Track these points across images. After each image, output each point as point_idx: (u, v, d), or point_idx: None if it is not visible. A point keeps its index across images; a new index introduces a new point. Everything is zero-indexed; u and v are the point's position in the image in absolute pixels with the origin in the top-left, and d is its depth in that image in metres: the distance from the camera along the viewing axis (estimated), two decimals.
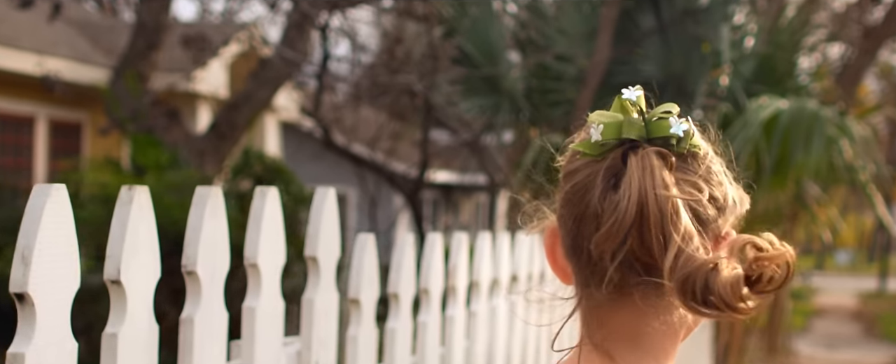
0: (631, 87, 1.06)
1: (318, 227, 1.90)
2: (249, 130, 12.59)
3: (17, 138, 12.27)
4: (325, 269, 1.91)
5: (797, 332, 14.03)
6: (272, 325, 1.74)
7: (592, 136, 1.04)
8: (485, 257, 2.79)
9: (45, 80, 7.57)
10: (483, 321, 2.77)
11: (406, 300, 2.27)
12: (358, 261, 2.07)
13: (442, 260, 2.46)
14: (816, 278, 28.24)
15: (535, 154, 6.59)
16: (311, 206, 1.92)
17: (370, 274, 2.09)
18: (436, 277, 2.43)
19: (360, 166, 7.91)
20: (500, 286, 2.92)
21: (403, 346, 2.26)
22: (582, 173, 1.05)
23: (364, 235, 2.09)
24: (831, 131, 6.04)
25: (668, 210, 0.99)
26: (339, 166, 11.59)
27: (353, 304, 2.06)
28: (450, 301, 2.58)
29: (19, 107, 11.90)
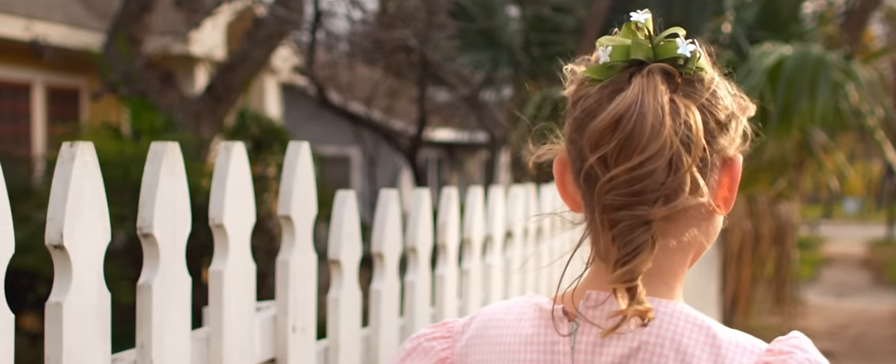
0: (638, 11, 1.07)
1: (291, 185, 1.79)
2: (248, 92, 12.45)
3: (13, 105, 12.15)
4: (300, 229, 1.80)
5: (805, 281, 13.96)
6: (242, 289, 1.63)
7: (601, 59, 1.05)
8: (477, 213, 2.68)
9: (35, 44, 7.43)
10: (476, 280, 2.67)
11: (391, 260, 2.16)
12: (337, 219, 1.96)
13: (430, 216, 2.35)
14: (824, 227, 28.18)
15: (535, 108, 6.46)
16: (284, 162, 1.80)
17: (350, 232, 1.98)
18: (424, 235, 2.32)
19: (357, 125, 7.78)
20: (494, 243, 2.82)
21: (390, 307, 2.16)
22: (591, 98, 1.05)
23: (343, 192, 1.98)
24: (837, 76, 5.90)
25: (665, 124, 1.00)
26: (342, 127, 11.44)
27: (334, 265, 1.96)
28: (440, 260, 2.47)
29: (15, 73, 11.78)
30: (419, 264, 2.29)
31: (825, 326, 10.97)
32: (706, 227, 1.11)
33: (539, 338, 1.09)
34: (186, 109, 8.44)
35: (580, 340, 1.07)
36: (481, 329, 1.14)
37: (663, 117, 1.01)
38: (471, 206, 2.63)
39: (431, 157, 19.26)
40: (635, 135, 1.01)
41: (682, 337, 1.04)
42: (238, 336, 1.62)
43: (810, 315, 11.68)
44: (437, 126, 10.91)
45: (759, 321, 11.24)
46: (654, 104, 1.01)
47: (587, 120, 1.04)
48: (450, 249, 2.47)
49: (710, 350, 1.04)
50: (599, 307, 1.07)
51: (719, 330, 1.06)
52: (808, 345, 1.09)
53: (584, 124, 1.05)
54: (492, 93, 7.87)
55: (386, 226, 2.12)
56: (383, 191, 2.16)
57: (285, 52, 11.37)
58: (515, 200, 3.02)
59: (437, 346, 1.17)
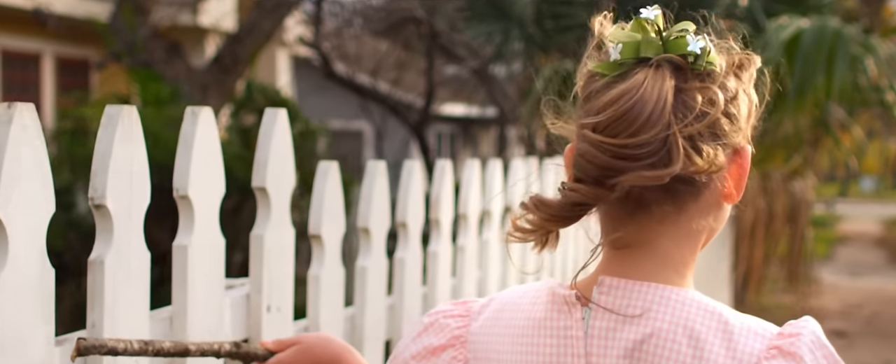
0: (649, 6, 1.09)
1: (266, 154, 1.67)
2: (257, 64, 12.35)
3: (23, 76, 12.08)
4: (276, 202, 1.69)
5: (820, 260, 13.81)
6: (209, 265, 1.52)
7: (611, 56, 1.06)
8: (473, 188, 2.56)
9: (37, 13, 7.33)
10: (471, 257, 2.55)
11: (378, 236, 2.05)
12: (318, 192, 1.84)
13: (422, 190, 2.23)
14: (840, 205, 27.97)
15: (545, 81, 6.33)
16: (260, 131, 1.69)
17: (332, 207, 1.87)
18: (415, 210, 2.21)
19: (364, 98, 7.64)
20: (491, 219, 2.70)
21: (376, 286, 2.05)
22: (598, 91, 1.06)
23: (325, 163, 1.87)
24: (856, 50, 5.74)
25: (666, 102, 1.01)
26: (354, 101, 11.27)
27: (315, 241, 1.85)
28: (433, 236, 2.36)
29: (25, 44, 11.70)
30: (410, 241, 2.18)
31: (839, 306, 10.84)
32: (715, 214, 1.12)
33: (552, 322, 1.10)
34: (193, 80, 8.34)
35: (593, 325, 1.09)
36: (498, 311, 1.16)
37: (664, 104, 1.02)
38: (466, 180, 2.51)
39: (444, 132, 19.13)
40: (630, 115, 1.02)
41: (693, 323, 1.05)
42: (205, 316, 1.52)
43: (824, 294, 11.54)
44: (448, 100, 10.77)
45: (772, 300, 11.11)
46: (657, 90, 1.02)
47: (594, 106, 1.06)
48: (443, 225, 2.36)
49: (722, 335, 1.05)
50: (612, 292, 1.08)
51: (731, 315, 1.07)
52: (817, 328, 1.10)
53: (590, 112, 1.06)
54: (502, 66, 7.72)
55: (372, 200, 2.01)
56: (370, 162, 2.04)
57: (297, 26, 11.25)
58: (515, 175, 2.90)
59: (453, 324, 1.19)
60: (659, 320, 1.06)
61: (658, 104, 1.01)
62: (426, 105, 7.14)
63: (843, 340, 8.79)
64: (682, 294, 1.07)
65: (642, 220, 1.08)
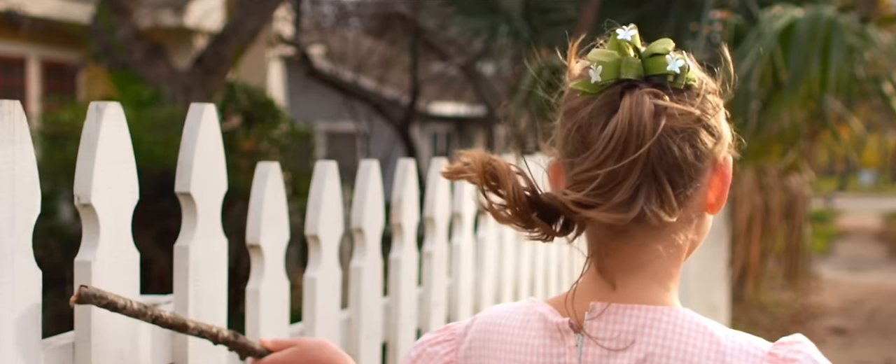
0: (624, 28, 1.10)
1: (191, 156, 1.49)
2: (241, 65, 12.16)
3: (7, 80, 11.89)
4: (204, 209, 1.51)
5: (819, 255, 13.64)
6: (121, 281, 1.34)
7: (592, 77, 1.08)
8: (439, 189, 2.38)
9: (10, 15, 7.14)
10: (439, 264, 2.37)
11: (329, 244, 1.87)
12: (257, 199, 1.66)
13: (379, 193, 2.06)
14: (839, 200, 27.82)
15: (533, 78, 6.15)
16: (184, 129, 1.51)
17: (274, 213, 1.69)
18: (372, 214, 2.02)
19: (348, 96, 7.45)
20: (462, 222, 2.52)
21: (327, 298, 1.86)
22: (583, 111, 1.08)
23: (264, 165, 1.69)
24: (852, 40, 5.55)
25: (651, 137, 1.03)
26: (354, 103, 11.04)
27: (254, 251, 1.67)
28: (395, 242, 2.18)
29: (9, 48, 11.51)
30: (367, 248, 2.00)
31: (839, 302, 10.66)
32: (698, 226, 1.14)
33: (546, 349, 1.10)
34: (176, 82, 8.16)
35: (586, 352, 1.09)
36: (483, 333, 1.16)
37: (644, 140, 1.03)
38: (432, 180, 2.32)
39: (440, 131, 18.97)
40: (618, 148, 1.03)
41: (686, 345, 1.07)
42: (115, 339, 1.33)
43: (824, 290, 11.37)
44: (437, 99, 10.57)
45: (770, 296, 10.94)
46: (646, 120, 1.03)
47: (578, 135, 1.07)
48: (406, 230, 2.18)
49: (714, 357, 1.06)
50: (603, 318, 1.09)
51: (722, 334, 1.07)
52: (812, 350, 1.09)
53: (575, 138, 1.08)
54: (490, 64, 7.53)
55: (321, 205, 1.83)
56: (319, 163, 1.86)
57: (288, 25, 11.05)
58: None
59: (441, 351, 1.20)
60: (651, 344, 1.07)
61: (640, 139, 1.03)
62: (411, 103, 6.95)
63: (843, 338, 8.62)
64: (672, 314, 1.08)
65: (626, 238, 1.09)
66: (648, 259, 1.09)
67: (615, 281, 1.09)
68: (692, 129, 1.07)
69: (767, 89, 6.16)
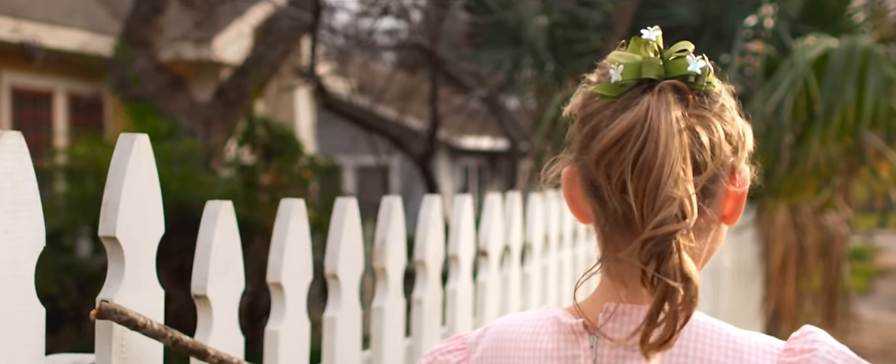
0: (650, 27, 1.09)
1: (117, 194, 1.29)
2: (276, 99, 12.04)
3: (34, 114, 11.85)
4: (133, 256, 1.31)
5: (858, 294, 13.24)
6: (10, 339, 1.14)
7: (612, 77, 1.06)
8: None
9: (24, 48, 7.05)
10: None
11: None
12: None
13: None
14: (879, 237, 27.29)
15: (556, 110, 5.94)
16: (111, 163, 1.31)
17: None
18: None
19: (367, 130, 7.28)
20: (459, 264, 2.31)
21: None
22: (600, 115, 1.06)
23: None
24: (890, 71, 5.30)
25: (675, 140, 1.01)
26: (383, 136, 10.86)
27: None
28: (379, 287, 1.97)
29: (36, 81, 11.48)
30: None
31: (880, 343, 10.30)
32: (715, 234, 1.13)
33: (560, 352, 1.10)
34: (196, 115, 8.03)
35: (602, 353, 1.09)
36: (496, 342, 1.15)
37: (676, 133, 1.01)
38: (423, 219, 2.12)
39: (472, 165, 18.81)
40: (648, 151, 1.01)
41: (704, 345, 1.06)
42: None
43: (864, 331, 11.00)
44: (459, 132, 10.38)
45: None
46: (667, 120, 1.01)
47: (595, 135, 1.05)
48: (390, 275, 1.97)
49: (733, 355, 1.06)
50: (618, 318, 1.08)
51: (738, 334, 1.08)
52: (826, 337, 1.09)
53: (591, 140, 1.06)
54: (513, 97, 7.34)
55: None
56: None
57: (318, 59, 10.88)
58: (494, 214, 2.50)
59: (453, 360, 1.19)
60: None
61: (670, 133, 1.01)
62: (431, 136, 6.77)
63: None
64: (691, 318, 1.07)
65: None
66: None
67: (629, 283, 1.08)
68: (712, 133, 1.05)
69: (801, 124, 5.91)
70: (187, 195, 6.77)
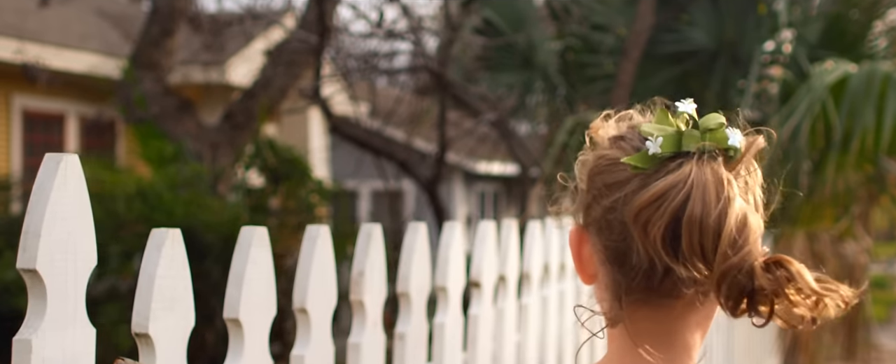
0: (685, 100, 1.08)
1: (39, 219, 1.16)
2: (289, 123, 11.94)
3: (46, 137, 11.79)
4: (55, 286, 1.17)
5: (879, 323, 12.97)
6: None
7: (650, 149, 1.05)
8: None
9: (27, 69, 6.97)
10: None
11: (373, 309, 1.52)
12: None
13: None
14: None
15: (568, 134, 5.80)
16: (34, 187, 1.17)
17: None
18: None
19: (375, 153, 7.14)
20: (447, 296, 2.16)
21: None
22: (630, 183, 1.04)
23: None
24: None
25: (728, 186, 1.02)
26: None
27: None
28: (356, 321, 1.82)
29: (48, 104, 11.42)
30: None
31: None
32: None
33: None
34: (203, 138, 7.92)
35: None
36: None
37: (726, 184, 1.02)
38: (408, 247, 1.97)
39: (488, 190, 18.65)
40: (698, 202, 1.01)
41: None
42: None
43: (885, 361, 10.75)
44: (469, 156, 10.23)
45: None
46: (715, 175, 1.02)
47: (628, 203, 1.03)
48: (368, 309, 1.82)
49: None
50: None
51: None
52: None
53: (622, 208, 1.04)
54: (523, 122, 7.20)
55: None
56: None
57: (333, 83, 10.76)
58: (486, 243, 2.35)
59: None
60: None
61: (725, 194, 1.01)
62: (439, 160, 6.63)
63: None
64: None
65: (669, 304, 1.06)
66: (681, 329, 1.08)
67: (646, 349, 1.06)
68: (745, 202, 1.04)
69: (819, 150, 5.74)
70: (192, 219, 6.65)
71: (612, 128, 1.11)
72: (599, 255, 1.08)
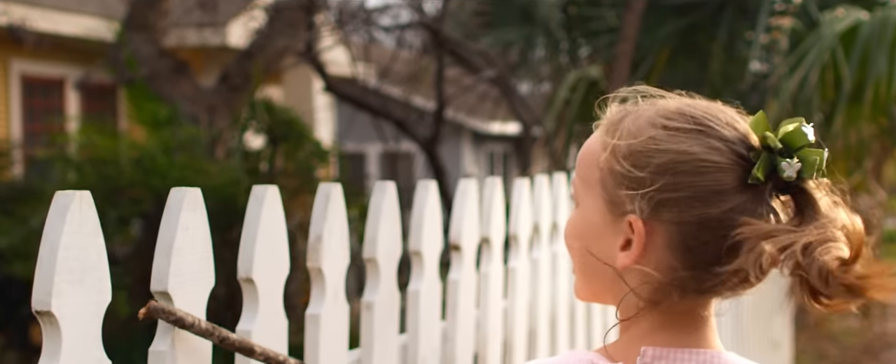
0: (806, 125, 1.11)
1: None
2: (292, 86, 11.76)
3: (46, 102, 11.64)
4: None
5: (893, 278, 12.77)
6: None
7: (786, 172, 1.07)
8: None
9: (13, 30, 6.79)
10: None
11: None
12: (49, 246, 1.16)
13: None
14: None
15: (570, 90, 5.61)
16: None
17: (72, 265, 1.18)
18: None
19: (372, 113, 6.95)
20: (422, 260, 1.99)
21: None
22: (722, 177, 1.06)
23: (64, 196, 1.18)
24: None
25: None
26: None
27: (44, 319, 1.16)
28: (315, 293, 1.66)
29: (47, 69, 11.26)
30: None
31: None
32: None
33: None
34: (200, 100, 7.75)
35: None
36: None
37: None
38: (374, 209, 1.80)
39: (497, 151, 18.45)
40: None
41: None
42: None
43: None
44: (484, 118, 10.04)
45: (841, 325, 10.20)
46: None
47: (711, 196, 1.06)
48: (327, 277, 1.66)
49: None
50: (656, 362, 1.09)
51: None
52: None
53: (702, 199, 1.06)
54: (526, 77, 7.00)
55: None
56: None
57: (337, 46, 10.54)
58: (470, 202, 2.18)
59: None
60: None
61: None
62: (437, 119, 6.43)
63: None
64: (723, 358, 1.10)
65: (717, 293, 1.10)
66: (700, 306, 1.10)
67: (670, 327, 1.09)
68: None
69: (830, 102, 5.54)
70: (188, 184, 6.48)
71: (680, 115, 1.09)
72: (661, 240, 1.08)
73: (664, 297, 1.08)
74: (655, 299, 1.08)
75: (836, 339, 9.42)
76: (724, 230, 1.05)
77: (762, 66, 6.28)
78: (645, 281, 1.08)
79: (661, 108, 1.11)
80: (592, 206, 1.11)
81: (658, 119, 1.09)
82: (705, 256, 1.06)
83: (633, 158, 1.07)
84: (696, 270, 1.07)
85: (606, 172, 1.09)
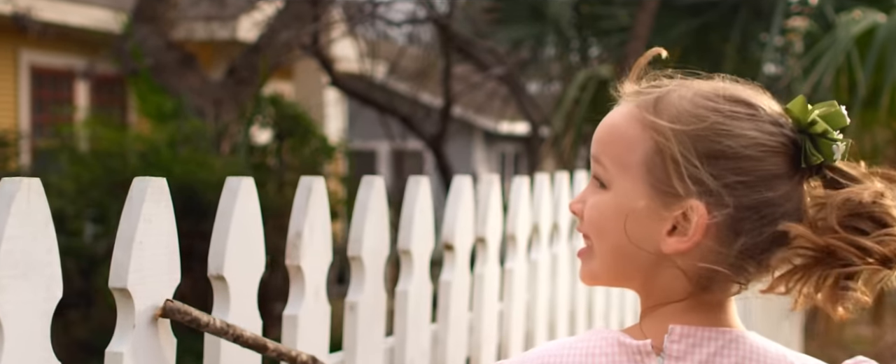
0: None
1: None
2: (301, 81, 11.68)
3: (55, 94, 11.59)
4: None
5: None
6: None
7: (835, 154, 1.09)
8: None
9: (18, 19, 6.73)
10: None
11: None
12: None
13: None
14: None
15: (579, 89, 5.51)
16: None
17: (14, 258, 1.10)
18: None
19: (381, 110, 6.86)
20: (411, 259, 1.90)
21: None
22: (778, 161, 1.07)
23: (10, 184, 1.09)
24: None
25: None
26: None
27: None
28: (293, 294, 1.57)
29: (58, 60, 11.20)
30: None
31: None
32: None
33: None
34: (207, 93, 7.68)
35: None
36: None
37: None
38: (359, 207, 1.71)
39: (509, 151, 18.33)
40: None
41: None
42: None
43: None
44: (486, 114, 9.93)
45: (853, 332, 10.08)
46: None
47: (766, 181, 1.06)
48: (307, 278, 1.57)
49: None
50: (683, 340, 1.08)
51: (794, 356, 1.11)
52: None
53: (756, 184, 1.06)
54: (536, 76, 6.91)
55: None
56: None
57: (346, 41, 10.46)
58: (463, 202, 2.09)
59: None
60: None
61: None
62: (443, 116, 6.34)
63: None
64: (748, 337, 1.09)
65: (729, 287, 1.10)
66: (724, 289, 1.09)
67: (697, 308, 1.08)
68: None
69: (845, 106, 5.43)
70: (192, 177, 6.43)
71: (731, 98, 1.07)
72: (714, 225, 1.06)
73: (710, 282, 1.07)
74: (703, 285, 1.07)
75: (847, 347, 9.29)
76: (773, 216, 1.05)
77: (776, 68, 6.18)
78: (690, 266, 1.06)
79: (703, 88, 1.08)
80: (631, 189, 1.06)
81: (707, 102, 1.06)
82: (754, 242, 1.05)
83: (695, 143, 1.04)
84: (743, 257, 1.06)
85: (654, 154, 1.05)
